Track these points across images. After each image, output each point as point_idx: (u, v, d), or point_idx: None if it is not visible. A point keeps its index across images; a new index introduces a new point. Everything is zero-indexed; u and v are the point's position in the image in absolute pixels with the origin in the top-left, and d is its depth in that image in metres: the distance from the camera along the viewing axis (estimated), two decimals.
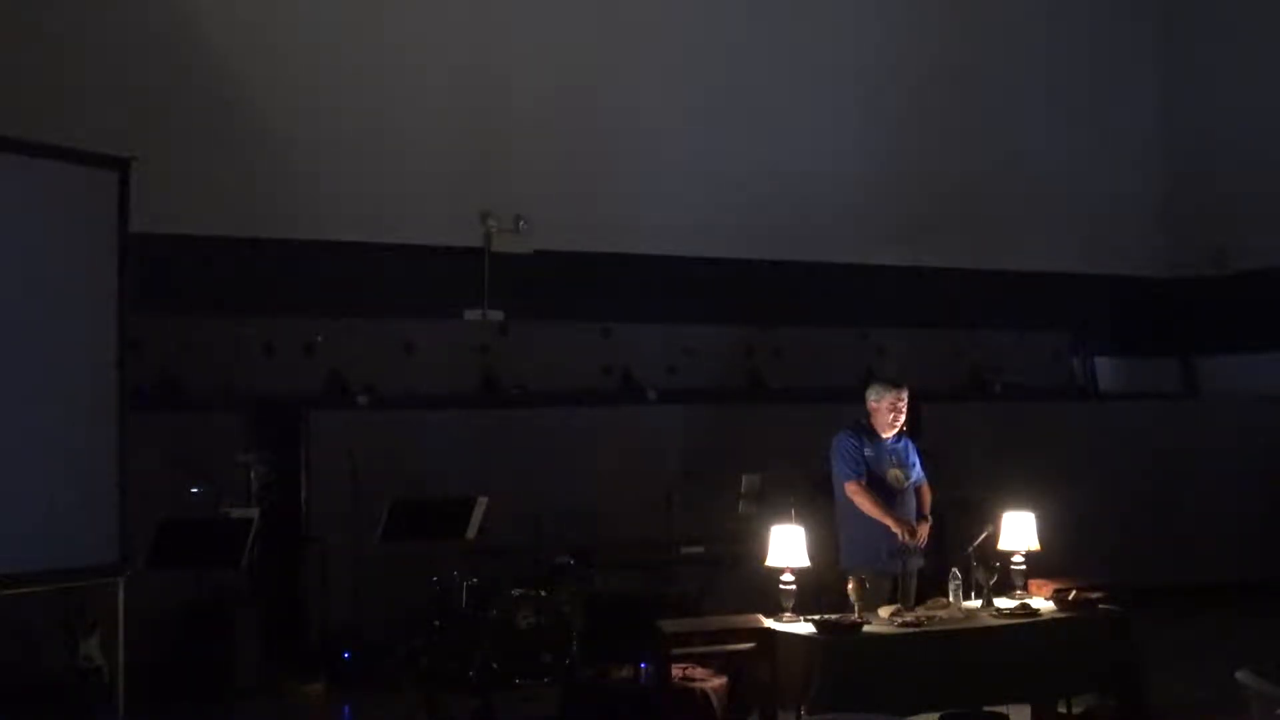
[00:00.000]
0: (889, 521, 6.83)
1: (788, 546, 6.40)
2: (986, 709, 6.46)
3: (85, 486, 7.27)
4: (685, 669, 6.54)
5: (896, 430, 7.05)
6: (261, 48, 10.02)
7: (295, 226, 9.98)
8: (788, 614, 6.29)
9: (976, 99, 12.71)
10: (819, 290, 11.73)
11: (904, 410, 7.04)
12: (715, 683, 6.50)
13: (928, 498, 7.18)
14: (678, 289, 11.19)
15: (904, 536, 6.80)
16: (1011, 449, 10.36)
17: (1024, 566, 6.90)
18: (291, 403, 9.28)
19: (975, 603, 6.66)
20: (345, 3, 10.46)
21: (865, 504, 6.88)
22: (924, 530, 6.96)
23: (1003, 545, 6.91)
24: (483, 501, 8.04)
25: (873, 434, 7.03)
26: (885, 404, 7.01)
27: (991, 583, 6.68)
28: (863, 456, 6.96)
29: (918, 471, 7.12)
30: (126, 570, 7.32)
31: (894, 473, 6.98)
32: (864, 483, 6.91)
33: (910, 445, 7.19)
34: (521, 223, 10.78)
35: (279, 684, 7.91)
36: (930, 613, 6.45)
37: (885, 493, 6.94)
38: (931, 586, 6.85)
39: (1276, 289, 12.42)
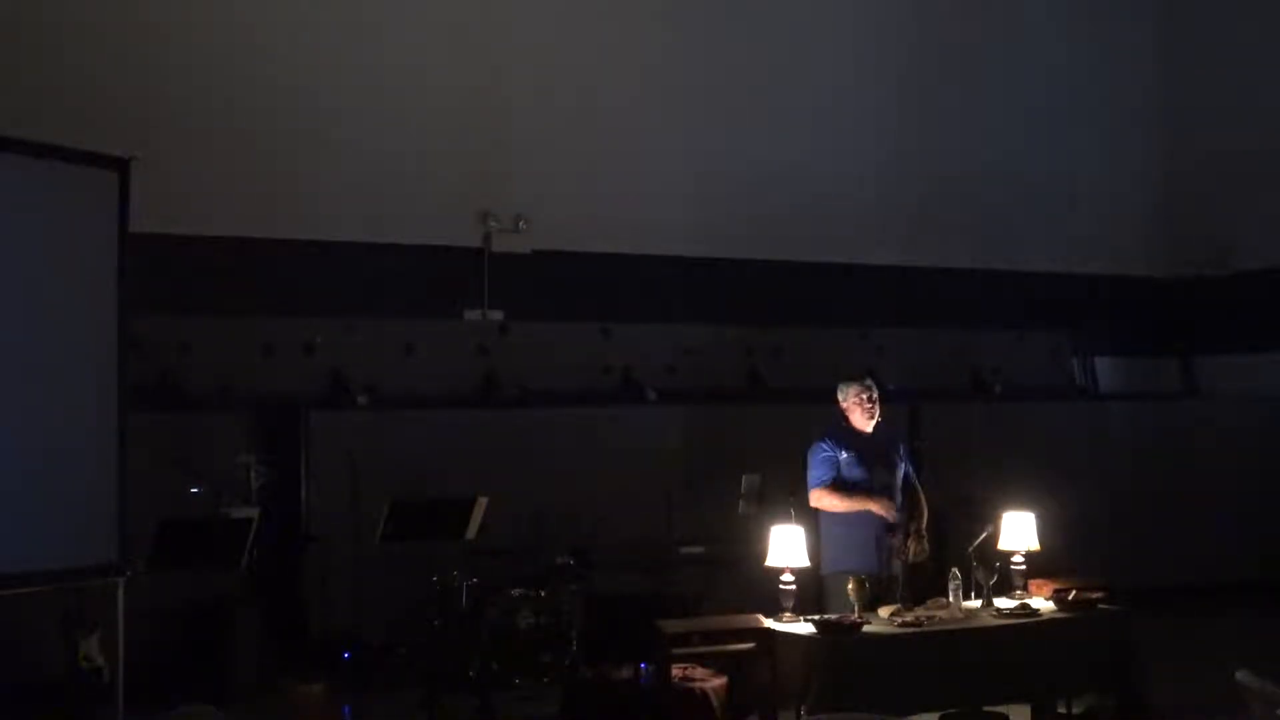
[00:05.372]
0: (866, 505, 6.74)
1: (788, 546, 6.41)
2: (986, 709, 6.46)
3: (85, 486, 7.25)
4: (685, 669, 6.55)
5: (875, 421, 6.98)
6: (261, 48, 10.01)
7: (295, 226, 9.98)
8: (788, 614, 6.30)
9: (977, 99, 12.72)
10: (819, 290, 11.73)
11: (876, 400, 6.97)
12: (715, 683, 6.50)
13: (923, 510, 7.03)
14: (678, 289, 11.19)
15: (888, 514, 6.74)
16: (1011, 449, 10.37)
17: (1024, 566, 6.90)
18: (291, 403, 9.27)
19: (975, 603, 6.67)
20: (345, 3, 10.47)
21: (835, 503, 6.80)
22: (912, 547, 6.88)
23: (1003, 545, 6.91)
24: (483, 501, 8.03)
25: (853, 434, 6.96)
26: (853, 400, 6.95)
27: (991, 583, 6.69)
28: (837, 463, 6.86)
29: (905, 469, 7.06)
30: (126, 570, 7.31)
31: (877, 471, 6.91)
32: (828, 485, 6.85)
33: (899, 444, 7.13)
34: (521, 223, 10.78)
35: (279, 684, 7.90)
36: (930, 613, 6.45)
37: (870, 491, 6.86)
38: (932, 587, 6.85)
39: (1276, 289, 12.42)
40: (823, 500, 6.84)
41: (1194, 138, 13.29)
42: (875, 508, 6.78)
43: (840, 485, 6.83)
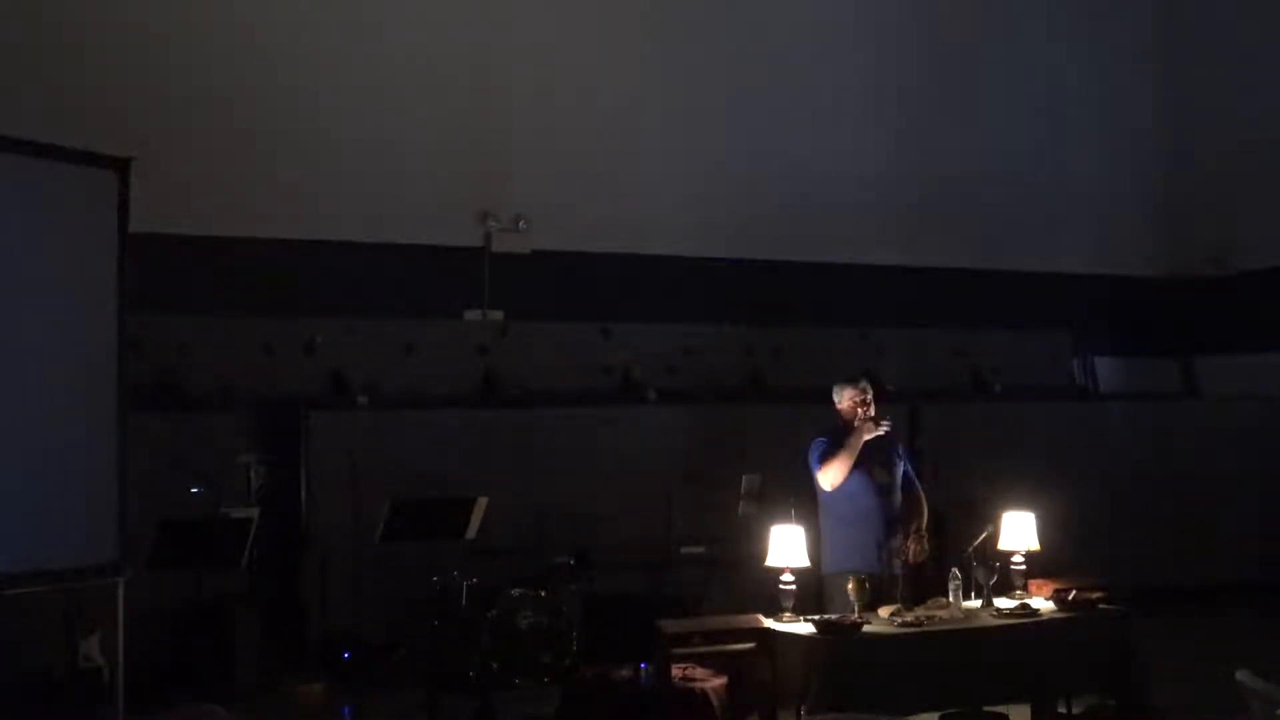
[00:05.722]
0: (860, 441, 6.72)
1: (788, 546, 6.41)
2: (986, 709, 6.46)
3: (85, 486, 7.25)
4: (685, 669, 6.54)
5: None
6: (261, 47, 10.02)
7: (295, 226, 9.98)
8: (788, 614, 6.30)
9: (977, 99, 12.72)
10: (819, 290, 11.73)
11: (871, 402, 6.96)
12: (715, 683, 6.50)
13: (922, 511, 7.01)
14: (678, 289, 11.19)
15: (878, 428, 6.73)
16: (1011, 449, 10.36)
17: (1024, 566, 6.89)
18: (291, 403, 9.27)
19: (975, 603, 6.66)
20: (345, 3, 10.47)
21: (839, 465, 6.75)
22: (912, 548, 6.87)
23: (1003, 545, 6.90)
24: (483, 501, 8.04)
25: (849, 435, 6.97)
26: (848, 403, 6.93)
27: (991, 583, 6.68)
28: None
29: (902, 469, 7.05)
30: (126, 570, 7.31)
31: (876, 471, 6.90)
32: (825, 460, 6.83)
33: (896, 444, 7.11)
34: (521, 223, 10.78)
35: (279, 684, 7.91)
36: (930, 613, 6.45)
37: (869, 493, 6.85)
38: (931, 587, 6.85)
39: (1276, 289, 12.43)
40: (829, 472, 6.78)
41: (1194, 138, 13.29)
42: (867, 434, 6.75)
43: (853, 485, 6.79)
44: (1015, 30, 12.99)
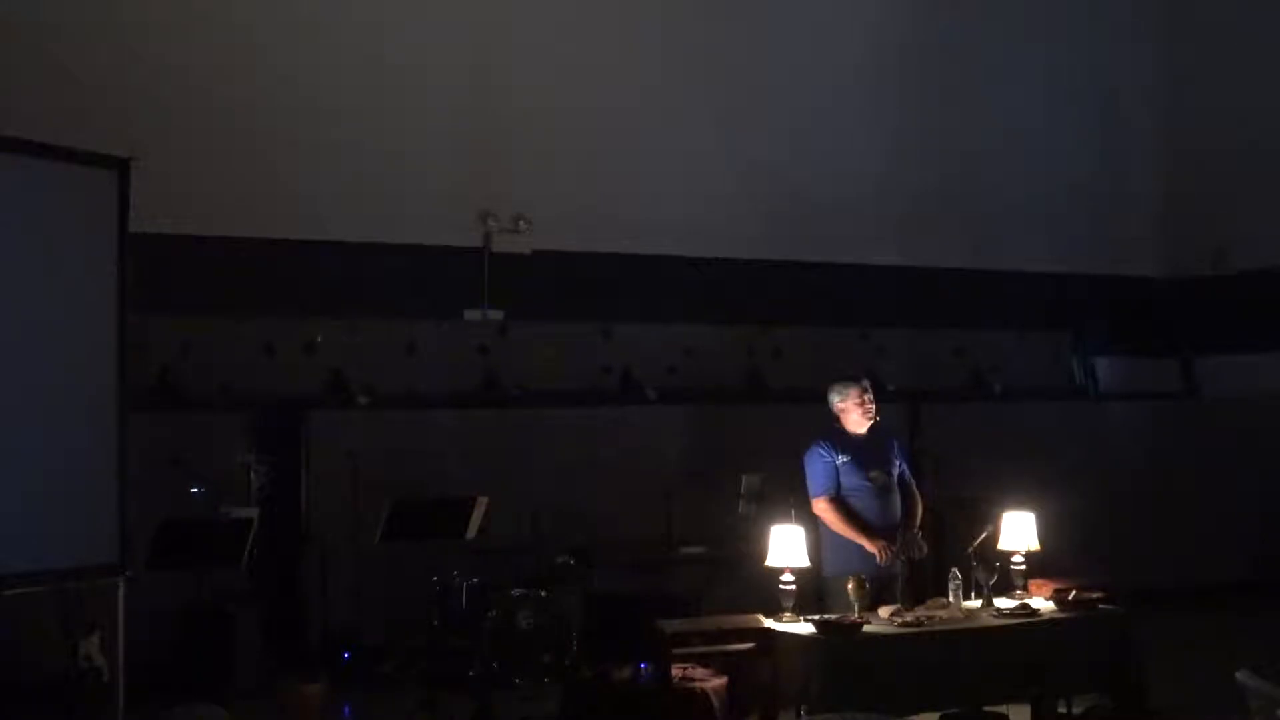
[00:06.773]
0: (862, 541, 6.72)
1: (788, 546, 6.42)
2: (986, 709, 6.47)
3: (85, 486, 7.24)
4: (685, 669, 6.54)
5: (871, 422, 6.98)
6: (261, 48, 10.01)
7: (295, 226, 9.98)
8: (788, 614, 6.30)
9: (977, 99, 12.71)
10: (819, 290, 11.73)
11: (873, 400, 6.96)
12: (715, 683, 6.50)
13: (917, 508, 7.01)
14: (678, 289, 11.19)
15: (880, 557, 6.70)
16: (1011, 449, 10.37)
17: (1024, 566, 6.90)
18: (291, 403, 9.28)
19: (975, 603, 6.67)
20: (345, 3, 10.46)
21: (835, 522, 6.77)
22: (912, 545, 6.87)
23: (1003, 545, 6.91)
24: (483, 501, 8.04)
25: (847, 437, 6.94)
26: (851, 401, 6.93)
27: (991, 583, 6.69)
28: (835, 469, 6.83)
29: (900, 468, 7.05)
30: (126, 570, 7.31)
31: (874, 474, 6.90)
32: (832, 498, 6.81)
33: (894, 443, 7.12)
34: (521, 223, 10.78)
35: (279, 684, 7.90)
36: (930, 613, 6.46)
37: (867, 495, 6.86)
38: (931, 586, 6.85)
39: (1276, 289, 12.42)
40: (825, 514, 6.82)
41: (1194, 138, 13.29)
42: (869, 546, 6.72)
43: (843, 504, 6.81)
44: (1015, 30, 12.98)
